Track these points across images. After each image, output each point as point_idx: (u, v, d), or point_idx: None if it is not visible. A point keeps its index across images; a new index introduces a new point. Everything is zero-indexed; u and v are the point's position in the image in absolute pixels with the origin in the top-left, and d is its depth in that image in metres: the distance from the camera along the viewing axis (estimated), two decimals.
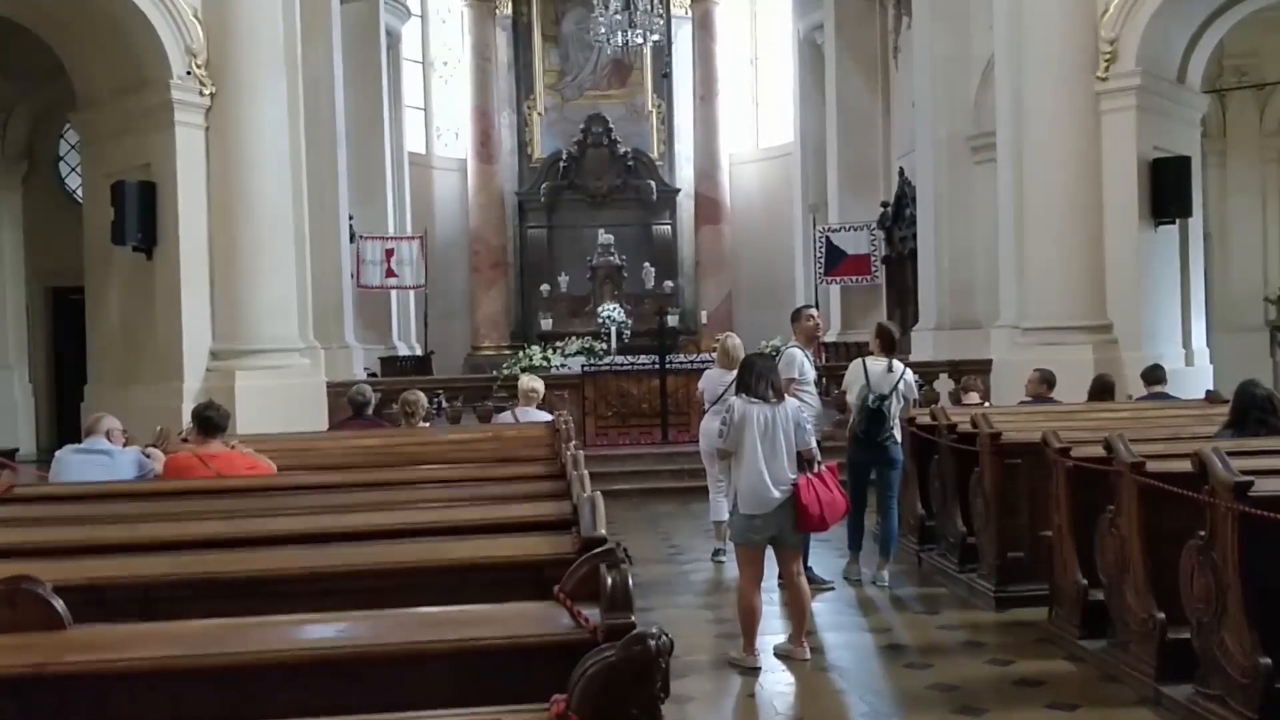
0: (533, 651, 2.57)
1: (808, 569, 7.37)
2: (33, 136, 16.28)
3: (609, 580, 2.54)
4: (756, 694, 5.43)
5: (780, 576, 6.35)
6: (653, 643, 2.04)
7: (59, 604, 2.68)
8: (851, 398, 7.75)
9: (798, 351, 7.58)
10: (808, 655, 5.82)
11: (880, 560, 7.76)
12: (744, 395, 5.94)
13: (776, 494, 5.73)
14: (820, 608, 7.02)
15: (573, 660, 2.41)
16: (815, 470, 5.91)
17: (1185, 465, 4.83)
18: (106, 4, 11.54)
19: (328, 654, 2.58)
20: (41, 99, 15.50)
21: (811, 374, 7.66)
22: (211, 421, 6.38)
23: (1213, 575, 4.54)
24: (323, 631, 2.66)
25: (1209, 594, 4.57)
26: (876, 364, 7.73)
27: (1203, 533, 4.61)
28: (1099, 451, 5.58)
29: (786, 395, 6.77)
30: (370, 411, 8.91)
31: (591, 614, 2.56)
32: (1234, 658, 4.45)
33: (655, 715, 2.14)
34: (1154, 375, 9.24)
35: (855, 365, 7.88)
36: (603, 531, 3.42)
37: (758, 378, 5.94)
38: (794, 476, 5.78)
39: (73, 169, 16.12)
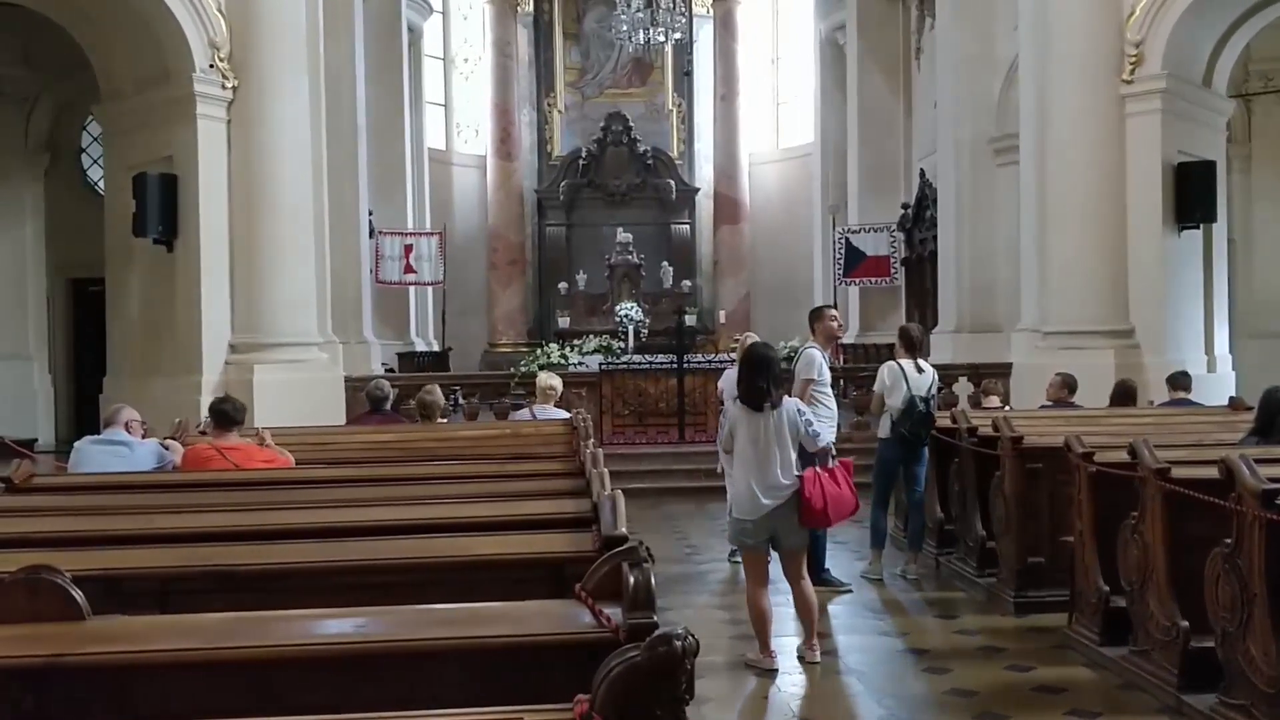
0: (553, 650, 2.55)
1: (825, 571, 7.34)
2: (56, 128, 16.37)
3: (631, 579, 2.52)
4: (773, 696, 5.40)
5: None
6: (679, 643, 2.01)
7: (78, 594, 2.67)
8: (894, 401, 7.69)
9: (816, 352, 7.51)
10: (818, 658, 5.73)
11: (911, 554, 7.89)
12: (738, 400, 5.85)
13: (765, 500, 5.63)
14: (838, 610, 6.99)
15: (593, 659, 2.38)
16: (827, 465, 5.85)
17: (1210, 472, 4.76)
18: None
19: (345, 649, 2.56)
20: (65, 91, 15.58)
21: (828, 376, 7.60)
22: (227, 415, 6.42)
23: (1238, 583, 4.48)
24: (340, 627, 2.64)
25: (1234, 602, 4.51)
26: (907, 365, 7.73)
27: (1228, 540, 4.55)
28: (1122, 457, 5.52)
29: (795, 396, 6.74)
30: (388, 406, 8.91)
31: (613, 613, 2.53)
32: (1259, 667, 4.40)
33: (680, 717, 2.11)
34: (1178, 381, 9.17)
35: (892, 369, 7.79)
36: (624, 530, 3.39)
37: (750, 385, 5.76)
38: (788, 482, 5.63)
39: (95, 161, 16.20)
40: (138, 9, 11.68)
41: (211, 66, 11.74)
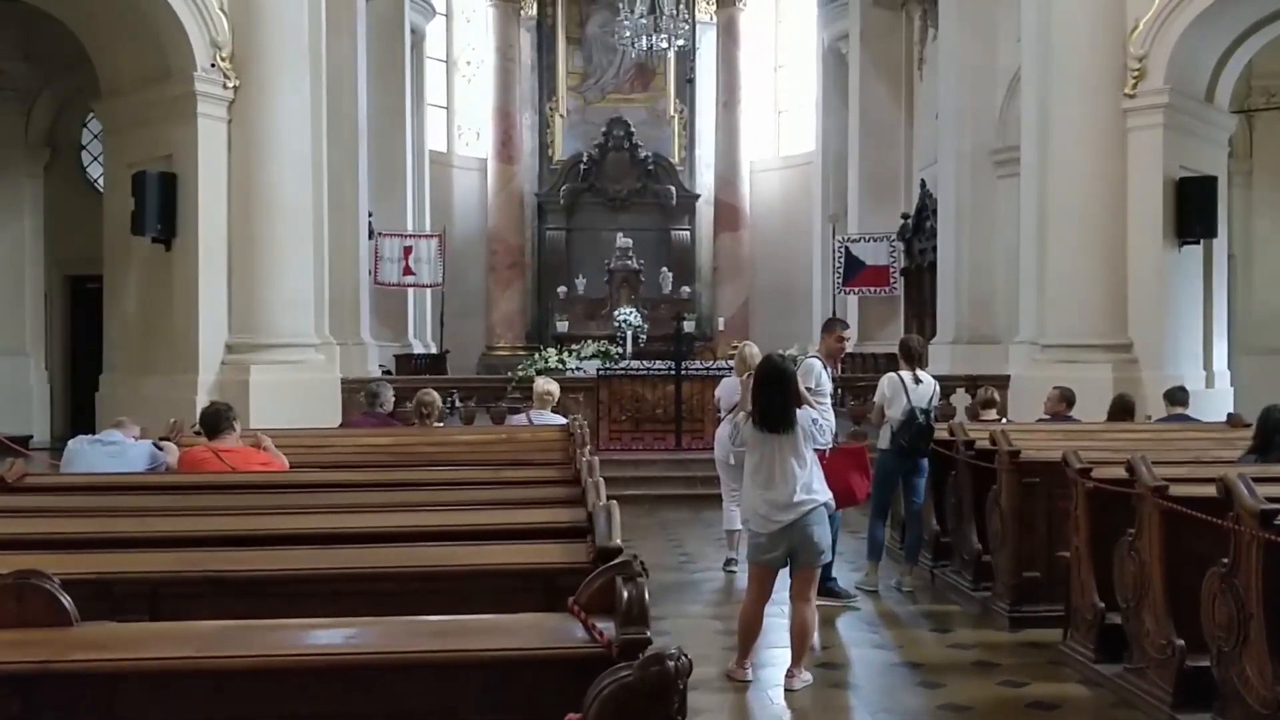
0: (545, 664, 2.52)
1: (832, 580, 7.28)
2: (56, 124, 16.34)
3: (625, 594, 2.49)
4: (766, 709, 5.36)
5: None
6: (671, 663, 1.99)
7: (66, 600, 2.65)
8: (894, 413, 7.66)
9: (817, 362, 7.44)
10: (796, 687, 5.53)
11: (907, 565, 7.88)
12: (751, 421, 5.63)
13: (781, 517, 5.47)
14: (833, 621, 6.94)
15: (585, 674, 2.36)
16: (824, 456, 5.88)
17: (1208, 490, 4.75)
18: None
19: (336, 660, 2.54)
20: (65, 87, 15.55)
21: (828, 386, 7.55)
22: (217, 420, 6.38)
23: (1235, 603, 4.46)
24: (331, 637, 2.63)
25: (1230, 622, 4.49)
26: (907, 376, 7.71)
27: (1225, 559, 4.54)
28: (1119, 473, 5.50)
29: (809, 405, 6.72)
30: (384, 408, 8.86)
31: (606, 627, 2.51)
32: (1254, 688, 4.38)
33: None
34: (1176, 397, 9.15)
35: (893, 381, 7.74)
36: (618, 541, 3.37)
37: (767, 408, 5.53)
38: (806, 497, 5.47)
39: (95, 158, 16.17)
40: (140, 7, 11.67)
41: (213, 65, 11.74)
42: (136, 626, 2.85)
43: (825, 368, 7.43)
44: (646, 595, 2.51)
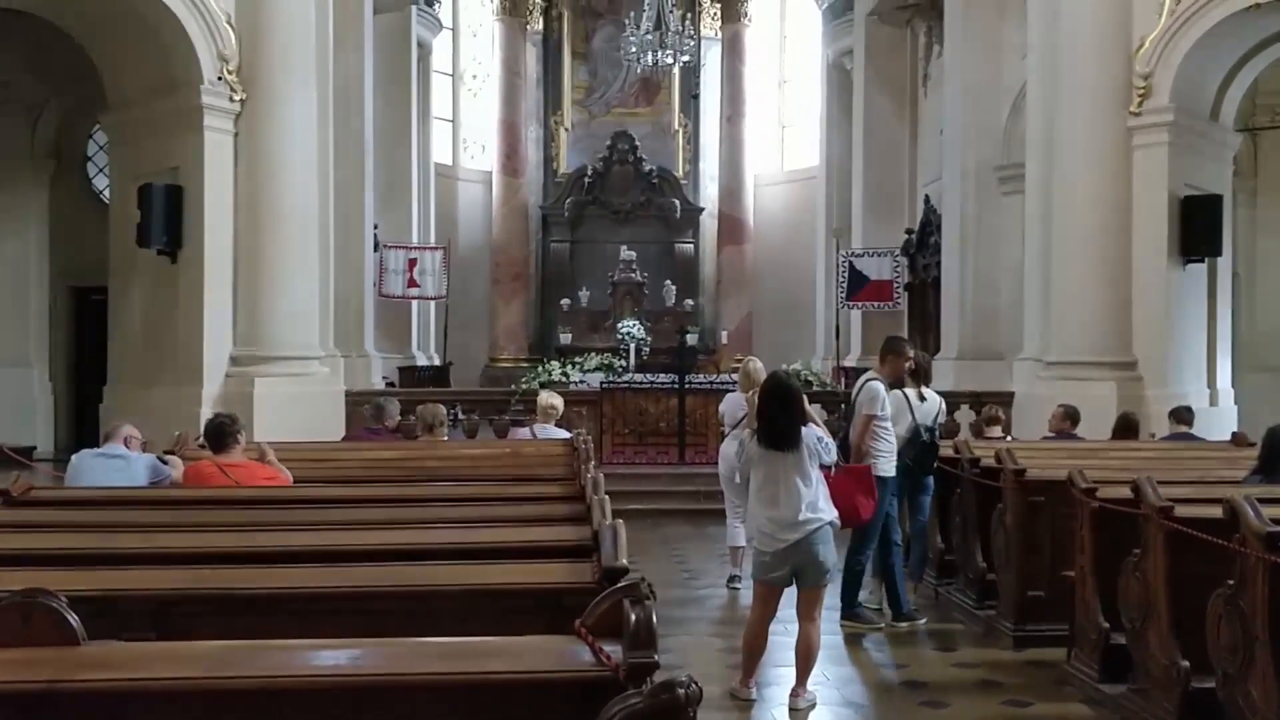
0: (551, 688, 2.51)
1: (858, 606, 7.24)
2: (62, 136, 16.37)
3: (633, 617, 2.48)
4: None
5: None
6: (681, 691, 1.99)
7: (73, 619, 2.64)
8: (898, 430, 7.58)
9: (881, 387, 7.21)
10: (801, 706, 5.50)
11: (910, 584, 7.85)
12: (756, 438, 5.60)
13: (786, 536, 5.43)
14: (836, 640, 6.91)
15: (592, 698, 2.36)
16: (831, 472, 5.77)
17: (1214, 510, 4.73)
18: (141, 7, 11.61)
19: (342, 681, 2.53)
20: (72, 99, 15.58)
21: (890, 409, 7.34)
22: (223, 433, 6.37)
23: (1240, 625, 4.45)
24: (338, 658, 2.61)
25: (1235, 644, 4.48)
26: (911, 394, 7.68)
27: (1231, 581, 4.52)
28: (1125, 492, 5.47)
29: (856, 430, 6.77)
30: (389, 423, 8.84)
31: (613, 651, 2.50)
32: (1260, 711, 4.36)
33: None
34: (1181, 415, 9.16)
35: (896, 397, 7.62)
36: (624, 561, 3.36)
37: (773, 425, 5.49)
38: (812, 516, 5.42)
39: (100, 170, 16.20)
40: (147, 19, 11.71)
41: (220, 79, 11.77)
42: (144, 646, 2.85)
43: (886, 390, 7.31)
44: (654, 619, 2.50)
